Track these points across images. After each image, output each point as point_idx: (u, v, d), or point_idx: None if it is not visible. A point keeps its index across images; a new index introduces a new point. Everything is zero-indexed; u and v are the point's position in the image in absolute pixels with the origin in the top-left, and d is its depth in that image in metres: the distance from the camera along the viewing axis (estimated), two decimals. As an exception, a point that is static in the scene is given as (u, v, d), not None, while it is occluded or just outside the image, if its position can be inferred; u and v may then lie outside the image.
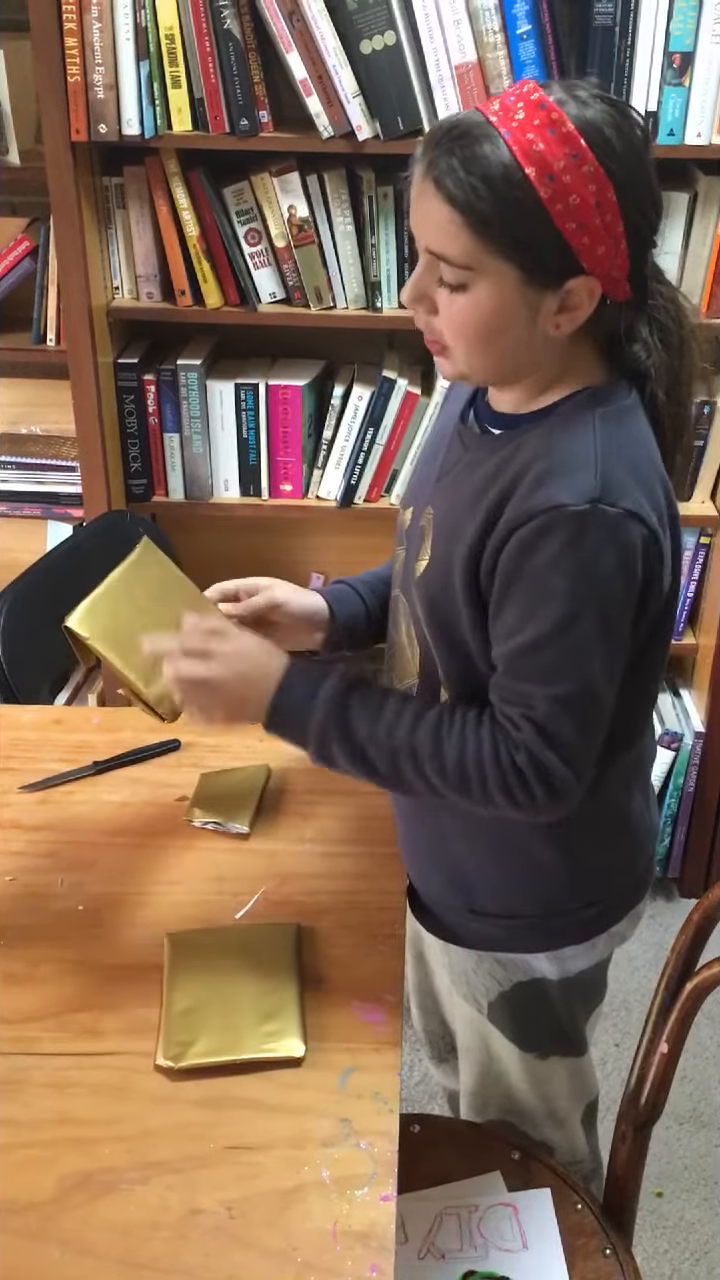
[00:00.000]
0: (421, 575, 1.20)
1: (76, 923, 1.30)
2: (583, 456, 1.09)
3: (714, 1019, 2.24)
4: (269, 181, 2.03)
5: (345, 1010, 1.20)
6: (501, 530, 1.10)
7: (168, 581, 1.34)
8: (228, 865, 1.38)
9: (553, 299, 1.08)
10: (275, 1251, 1.00)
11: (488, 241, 1.05)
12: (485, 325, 1.09)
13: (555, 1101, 1.45)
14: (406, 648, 1.28)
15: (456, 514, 1.16)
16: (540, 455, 1.10)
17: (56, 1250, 1.00)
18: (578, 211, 1.04)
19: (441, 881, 1.35)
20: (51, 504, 2.31)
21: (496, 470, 1.14)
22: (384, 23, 1.87)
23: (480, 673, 1.18)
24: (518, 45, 1.88)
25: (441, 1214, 1.37)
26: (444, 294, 1.10)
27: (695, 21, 1.87)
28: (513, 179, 1.03)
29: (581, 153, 1.03)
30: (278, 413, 2.22)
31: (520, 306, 1.08)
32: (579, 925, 1.33)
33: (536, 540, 1.07)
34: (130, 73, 1.91)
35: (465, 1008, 1.42)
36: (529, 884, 1.30)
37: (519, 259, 1.06)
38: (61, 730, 1.59)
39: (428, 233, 1.08)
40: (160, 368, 2.21)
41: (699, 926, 1.31)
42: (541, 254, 1.06)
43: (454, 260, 1.07)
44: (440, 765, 1.15)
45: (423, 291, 1.11)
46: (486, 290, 1.07)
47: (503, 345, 1.11)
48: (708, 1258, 1.89)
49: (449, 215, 1.05)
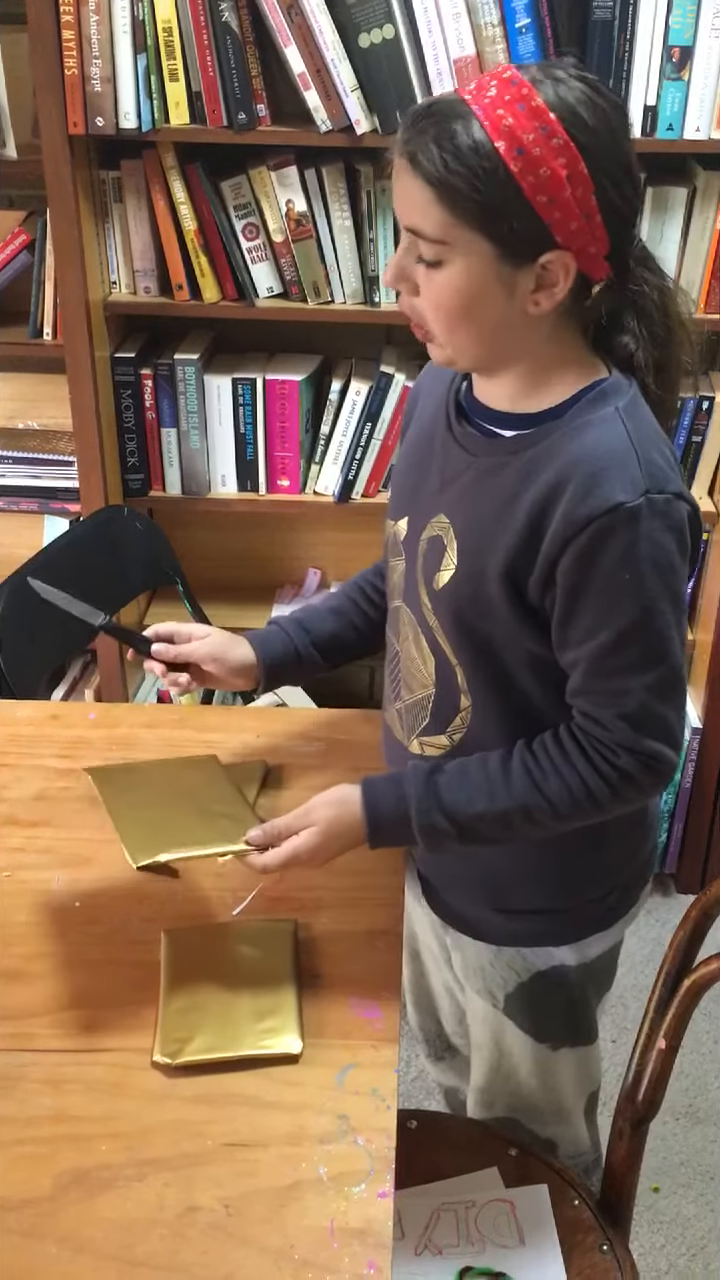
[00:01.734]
0: (445, 587, 1.20)
1: (73, 919, 1.30)
2: (622, 452, 1.10)
3: (711, 1015, 2.24)
4: (267, 176, 2.02)
5: (342, 1007, 1.20)
6: (554, 540, 1.10)
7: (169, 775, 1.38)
8: (225, 862, 1.37)
9: (528, 276, 1.09)
10: (272, 1249, 1.00)
11: (460, 215, 1.06)
12: (462, 301, 1.10)
13: (562, 1095, 1.45)
14: (418, 659, 1.27)
15: (483, 524, 1.16)
16: (579, 459, 1.10)
17: (53, 1247, 1.00)
18: (548, 184, 1.05)
19: (469, 885, 1.35)
20: (48, 499, 2.31)
21: (523, 477, 1.13)
22: (382, 16, 1.86)
23: (509, 677, 1.20)
24: (516, 39, 1.87)
25: (439, 1210, 1.37)
26: (422, 273, 1.11)
27: (694, 15, 1.86)
28: (483, 152, 1.04)
29: (551, 126, 1.04)
30: (275, 408, 2.21)
31: (495, 283, 1.09)
32: (603, 911, 1.35)
33: (600, 543, 1.09)
34: (127, 66, 1.90)
35: (479, 1003, 1.42)
36: (560, 879, 1.32)
37: (491, 232, 1.06)
38: (58, 725, 1.59)
39: (405, 210, 1.09)
40: (157, 362, 2.20)
41: (696, 922, 1.31)
42: (514, 228, 1.06)
43: (429, 235, 1.08)
44: (553, 811, 1.18)
45: (404, 271, 1.12)
46: (461, 265, 1.08)
47: (481, 323, 1.11)
48: (704, 1252, 1.90)
49: (422, 190, 1.06)
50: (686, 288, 2.07)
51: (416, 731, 1.30)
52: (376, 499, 2.25)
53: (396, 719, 1.34)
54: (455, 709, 1.25)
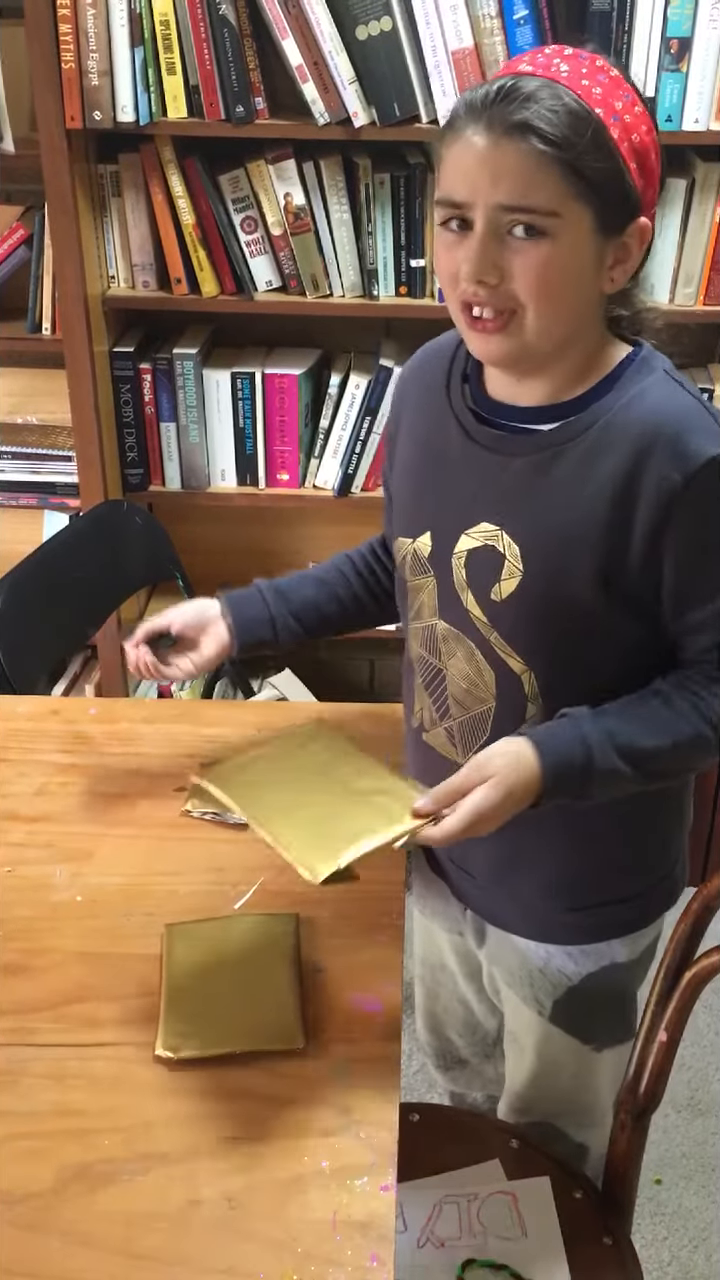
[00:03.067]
0: (512, 596, 1.17)
1: (75, 914, 1.30)
2: (694, 409, 1.11)
3: (712, 1008, 2.25)
4: (265, 169, 2.02)
5: (344, 1000, 1.20)
6: (651, 509, 1.09)
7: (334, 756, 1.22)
8: (226, 856, 1.37)
9: (612, 249, 1.09)
10: (275, 1242, 1.00)
11: (575, 182, 1.04)
12: (567, 277, 1.07)
13: (599, 1095, 1.45)
14: (472, 674, 1.23)
15: (551, 523, 1.14)
16: (656, 424, 1.10)
17: (56, 1241, 1.00)
18: (639, 151, 1.06)
19: (539, 888, 1.33)
20: (47, 494, 2.31)
21: (588, 461, 1.12)
22: (380, 8, 1.86)
23: (590, 672, 1.18)
24: (514, 30, 1.87)
25: (441, 1203, 1.37)
26: (521, 251, 1.05)
27: (693, 7, 1.85)
28: (590, 119, 1.04)
29: (631, 94, 1.06)
30: (274, 402, 2.21)
31: (591, 257, 1.08)
32: (671, 886, 1.37)
33: (705, 499, 1.08)
34: (125, 59, 1.90)
35: (524, 1012, 1.41)
36: (634, 863, 1.32)
37: (598, 201, 1.05)
38: (58, 721, 1.59)
39: (505, 185, 1.04)
40: (156, 356, 2.20)
41: (698, 915, 1.31)
42: (613, 195, 1.06)
43: (540, 207, 1.04)
44: (718, 736, 1.16)
45: (492, 258, 1.06)
46: (568, 238, 1.05)
47: (574, 303, 1.10)
48: (706, 1244, 1.90)
49: (540, 157, 1.02)
50: (686, 280, 2.07)
51: (476, 746, 1.25)
52: (376, 493, 2.25)
53: (445, 738, 1.30)
54: (520, 719, 1.22)
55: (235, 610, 1.38)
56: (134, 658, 1.36)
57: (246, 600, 1.40)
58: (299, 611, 1.41)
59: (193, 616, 1.37)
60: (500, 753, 1.12)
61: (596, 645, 1.18)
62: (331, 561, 1.48)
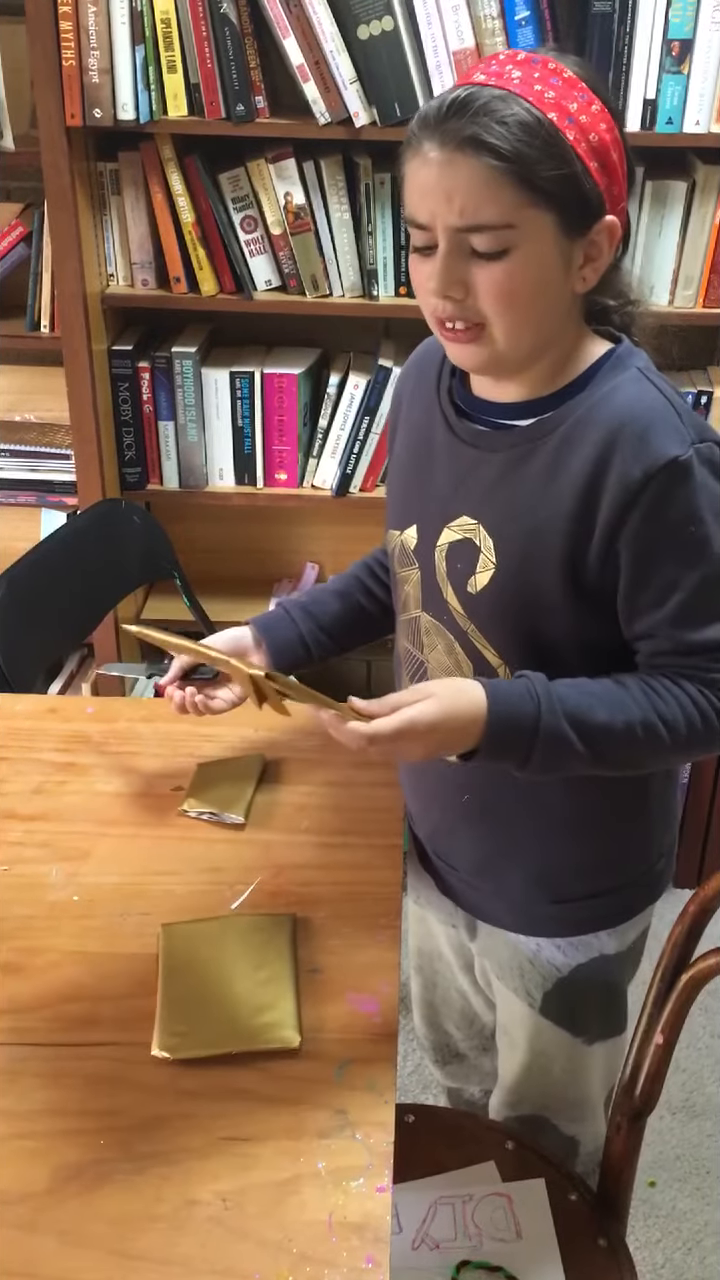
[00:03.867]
0: (486, 589, 1.17)
1: (71, 913, 1.30)
2: (661, 408, 1.11)
3: (708, 1010, 2.25)
4: (265, 168, 2.01)
5: (341, 1001, 1.20)
6: (612, 506, 1.09)
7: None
8: (223, 856, 1.37)
9: (580, 249, 1.09)
10: (271, 1242, 1.00)
11: (531, 191, 1.04)
12: (531, 287, 1.08)
13: (590, 1089, 1.46)
14: (451, 666, 1.24)
15: (523, 516, 1.14)
16: (622, 421, 1.10)
17: (51, 1241, 1.00)
18: (598, 150, 1.06)
19: (523, 882, 1.34)
20: (45, 492, 2.30)
21: (558, 457, 1.12)
22: (382, 8, 1.86)
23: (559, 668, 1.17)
24: (516, 31, 1.87)
25: (436, 1204, 1.37)
26: (482, 268, 1.07)
27: (695, 9, 1.86)
28: (543, 125, 1.04)
29: (587, 94, 1.07)
30: (273, 401, 2.21)
31: (558, 261, 1.08)
32: (652, 880, 1.37)
33: (662, 499, 1.08)
34: (125, 57, 1.90)
35: (515, 1004, 1.41)
36: (618, 855, 1.33)
37: (558, 204, 1.05)
38: (56, 719, 1.59)
39: (458, 203, 1.04)
40: (155, 355, 2.20)
41: (694, 918, 1.31)
42: (575, 198, 1.06)
43: (493, 222, 1.04)
44: (670, 734, 1.13)
45: (456, 275, 1.07)
46: (529, 248, 1.06)
47: (543, 309, 1.10)
48: (700, 1247, 1.90)
49: (490, 172, 1.03)
50: (685, 282, 2.07)
51: None
52: (374, 493, 2.25)
53: None
54: None
55: (268, 635, 1.39)
56: (179, 698, 1.35)
57: (276, 623, 1.40)
58: (328, 627, 1.42)
59: (227, 647, 1.36)
60: (445, 682, 1.13)
61: (569, 642, 1.18)
62: (349, 572, 1.48)
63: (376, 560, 1.47)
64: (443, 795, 1.34)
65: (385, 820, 1.42)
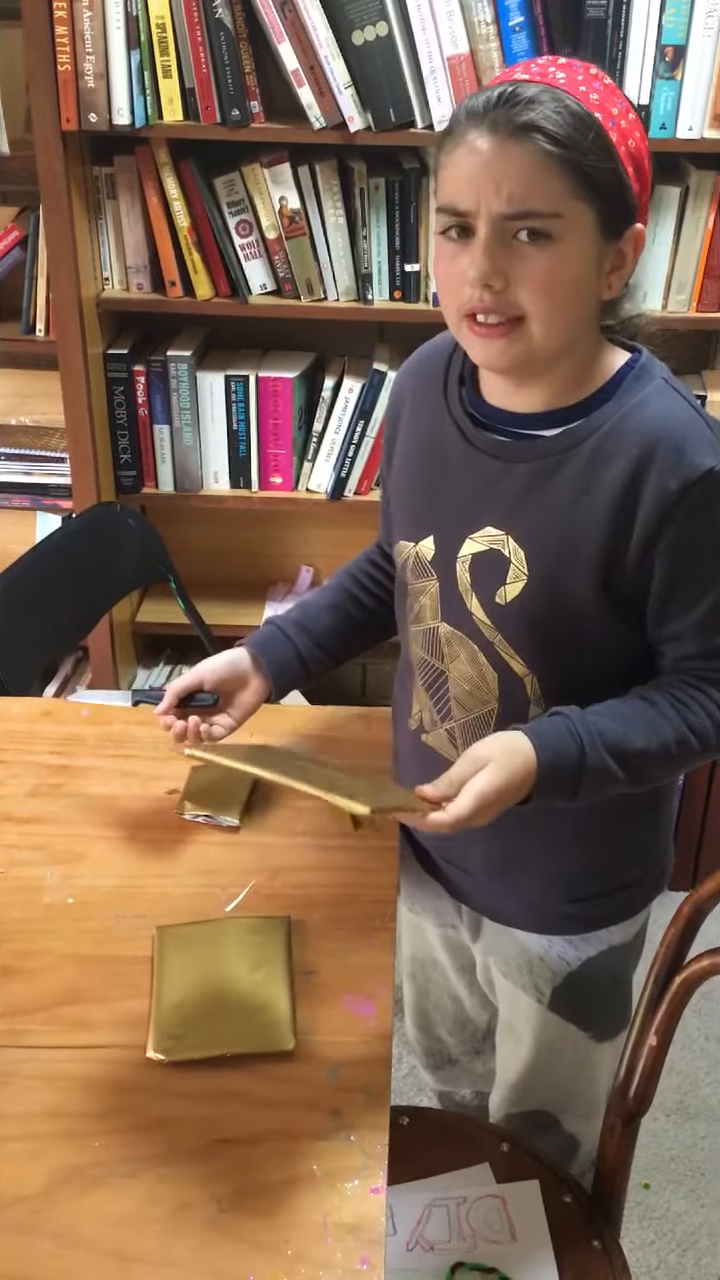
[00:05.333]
0: (517, 600, 1.18)
1: (67, 916, 1.30)
2: (693, 420, 1.13)
3: (702, 1012, 2.25)
4: (260, 172, 2.02)
5: (336, 1003, 1.20)
6: (649, 518, 1.11)
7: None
8: (218, 858, 1.38)
9: (611, 253, 1.10)
10: (266, 1244, 1.00)
11: (579, 182, 1.05)
12: (572, 281, 1.08)
13: (598, 1088, 1.46)
14: (475, 676, 1.24)
15: (555, 528, 1.15)
16: (657, 434, 1.11)
17: (47, 1243, 1.00)
18: (635, 155, 1.08)
19: (539, 882, 1.34)
20: (40, 495, 2.31)
21: (591, 469, 1.13)
22: (376, 13, 1.86)
23: (588, 674, 1.19)
24: (510, 37, 1.87)
25: (430, 1206, 1.37)
26: (525, 256, 1.06)
27: (688, 14, 1.86)
28: (591, 122, 1.05)
29: (624, 101, 1.09)
30: (268, 405, 2.21)
31: (594, 260, 1.09)
32: (659, 875, 1.39)
33: (700, 510, 1.11)
34: (121, 62, 1.90)
35: (523, 1000, 1.42)
36: (631, 854, 1.34)
37: (600, 201, 1.06)
38: (51, 722, 1.59)
39: (507, 190, 1.04)
40: (150, 359, 2.20)
41: (688, 919, 1.32)
42: (614, 197, 1.07)
43: (542, 210, 1.04)
44: (701, 742, 1.17)
45: (498, 264, 1.06)
46: (572, 241, 1.06)
47: (579, 308, 1.11)
48: (694, 1248, 1.90)
49: (544, 158, 1.03)
50: (679, 287, 2.08)
51: None
52: (369, 496, 2.25)
53: (446, 739, 1.30)
54: (523, 719, 1.22)
55: (266, 655, 1.37)
56: (178, 727, 1.31)
57: (272, 642, 1.39)
58: (323, 641, 1.41)
59: (226, 671, 1.35)
60: (494, 741, 1.13)
61: (597, 650, 1.20)
62: (335, 583, 1.47)
63: (361, 570, 1.46)
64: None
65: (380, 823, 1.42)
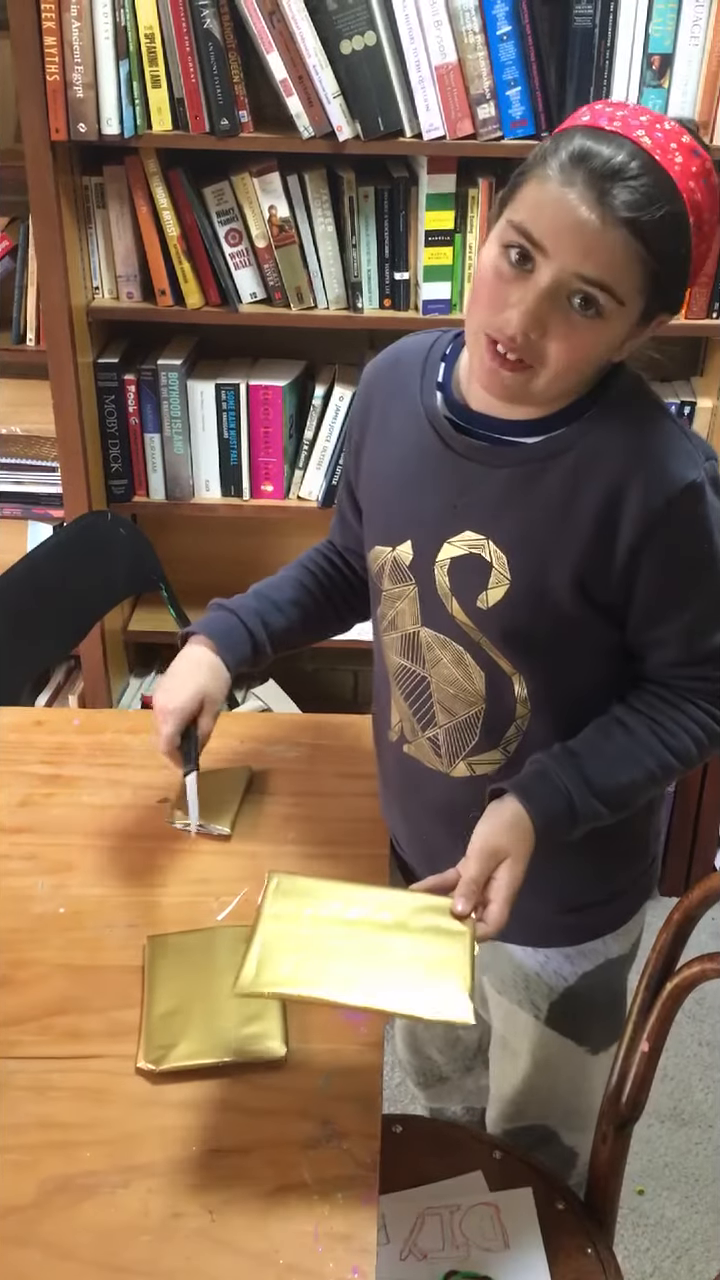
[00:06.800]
0: (499, 604, 1.18)
1: (57, 925, 1.30)
2: (674, 433, 1.14)
3: (694, 1017, 2.25)
4: (249, 182, 2.02)
5: (326, 1011, 1.19)
6: (635, 531, 1.12)
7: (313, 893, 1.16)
8: (209, 867, 1.38)
9: (638, 330, 1.11)
10: (257, 1254, 1.00)
11: (651, 285, 1.06)
12: (601, 352, 1.11)
13: (594, 1100, 1.45)
14: (461, 679, 1.24)
15: (537, 534, 1.16)
16: (640, 450, 1.13)
17: (38, 1254, 1.00)
18: (702, 261, 1.09)
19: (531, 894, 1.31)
20: (31, 504, 2.30)
21: (574, 479, 1.14)
22: (364, 23, 1.87)
23: (573, 672, 1.22)
24: (498, 46, 1.88)
25: (423, 1214, 1.37)
26: (570, 320, 1.06)
27: (674, 23, 1.87)
28: (683, 230, 1.05)
29: (717, 205, 1.08)
30: (259, 413, 2.21)
31: (624, 336, 1.11)
32: (648, 882, 1.40)
33: (683, 521, 1.13)
34: (110, 72, 1.90)
35: (519, 1016, 1.41)
36: (620, 861, 1.35)
37: (656, 300, 1.08)
38: (42, 732, 1.59)
39: (594, 261, 1.03)
40: (141, 368, 2.20)
41: (680, 925, 1.32)
42: (669, 297, 1.10)
43: (616, 292, 1.05)
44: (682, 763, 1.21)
45: (543, 314, 1.06)
46: (616, 322, 1.08)
47: (590, 369, 1.13)
48: (688, 1255, 1.90)
49: (635, 256, 1.03)
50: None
51: (464, 753, 1.27)
52: (360, 504, 2.25)
53: (429, 748, 1.30)
54: (510, 718, 1.24)
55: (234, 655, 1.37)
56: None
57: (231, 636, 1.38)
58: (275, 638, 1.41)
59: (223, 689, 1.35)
60: (499, 825, 1.16)
61: (583, 649, 1.21)
62: (297, 579, 1.45)
63: (316, 565, 1.46)
64: (444, 817, 1.32)
65: (371, 831, 1.42)
